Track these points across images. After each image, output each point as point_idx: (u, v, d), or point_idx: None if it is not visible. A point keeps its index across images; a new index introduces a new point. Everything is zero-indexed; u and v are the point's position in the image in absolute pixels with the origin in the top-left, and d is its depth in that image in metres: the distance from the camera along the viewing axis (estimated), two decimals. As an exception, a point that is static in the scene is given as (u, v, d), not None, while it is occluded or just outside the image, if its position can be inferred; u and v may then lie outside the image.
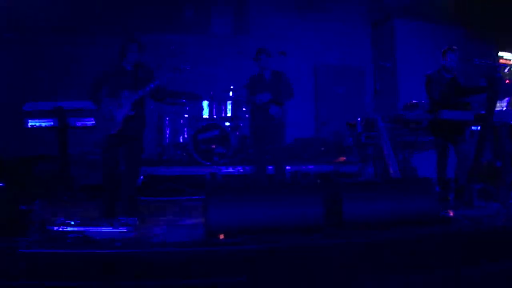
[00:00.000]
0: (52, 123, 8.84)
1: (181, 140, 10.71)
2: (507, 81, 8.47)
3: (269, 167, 8.76)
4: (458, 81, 8.21)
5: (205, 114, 10.78)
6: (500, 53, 12.71)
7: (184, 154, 10.43)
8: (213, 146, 9.99)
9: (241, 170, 9.85)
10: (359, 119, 8.86)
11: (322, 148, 11.17)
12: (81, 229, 5.98)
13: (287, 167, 9.31)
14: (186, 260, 5.01)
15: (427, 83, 8.22)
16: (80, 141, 9.16)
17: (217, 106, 10.81)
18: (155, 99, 7.38)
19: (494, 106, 7.56)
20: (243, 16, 13.35)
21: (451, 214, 6.63)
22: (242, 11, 13.34)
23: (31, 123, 8.93)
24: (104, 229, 5.98)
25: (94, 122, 8.26)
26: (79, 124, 8.69)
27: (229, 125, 10.47)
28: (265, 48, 8.49)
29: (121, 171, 7.21)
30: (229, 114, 10.79)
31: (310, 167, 10.24)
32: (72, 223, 6.22)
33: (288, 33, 12.56)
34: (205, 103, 10.81)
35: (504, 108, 8.28)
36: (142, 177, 9.19)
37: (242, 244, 5.17)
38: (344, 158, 10.71)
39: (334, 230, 5.74)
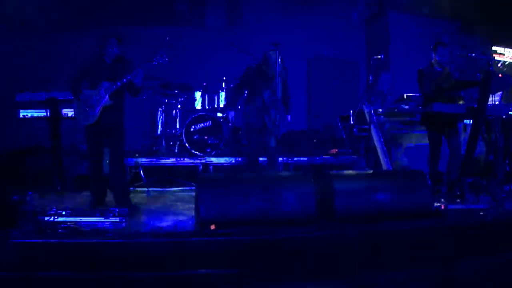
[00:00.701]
0: (44, 113, 8.83)
1: (173, 131, 10.68)
2: (500, 75, 8.46)
3: (262, 158, 8.78)
4: (451, 75, 8.22)
5: (198, 105, 10.76)
6: (494, 48, 12.75)
7: (177, 145, 10.41)
8: (206, 137, 9.99)
9: (233, 161, 9.84)
10: (351, 111, 8.87)
11: (315, 140, 11.15)
12: (73, 219, 5.96)
13: (280, 159, 9.32)
14: (177, 251, 5.01)
15: (419, 78, 8.22)
16: (73, 132, 9.13)
17: (210, 97, 10.80)
18: (130, 92, 7.35)
19: (487, 100, 7.57)
20: (237, 8, 13.32)
21: (443, 207, 6.64)
22: (236, 3, 13.32)
23: (23, 113, 8.92)
24: (95, 220, 5.95)
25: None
26: (71, 114, 8.68)
27: (221, 116, 10.46)
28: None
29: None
30: (221, 105, 10.77)
31: (303, 159, 10.23)
32: (64, 213, 6.20)
33: (282, 25, 12.53)
34: (197, 94, 10.79)
35: (497, 102, 8.29)
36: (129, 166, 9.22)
37: (233, 235, 5.17)
38: (337, 150, 10.71)
39: (326, 222, 5.75)
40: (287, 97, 8.84)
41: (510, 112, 8.08)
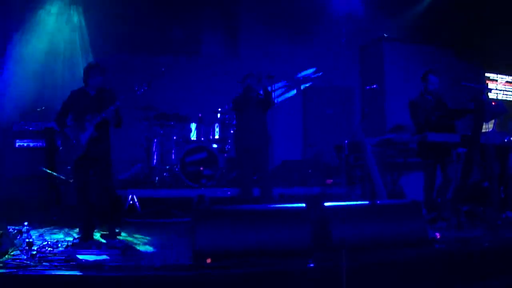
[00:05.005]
0: (40, 143, 8.87)
1: (169, 162, 10.69)
2: (494, 103, 8.52)
3: (256, 189, 8.78)
4: (444, 103, 8.26)
5: (193, 136, 10.78)
6: (487, 74, 12.83)
7: (172, 176, 10.42)
8: (201, 168, 10.00)
9: (229, 193, 9.82)
10: (346, 141, 8.89)
11: (310, 170, 11.16)
12: (69, 251, 5.98)
13: (275, 189, 9.32)
14: (174, 284, 5.00)
15: (411, 110, 8.24)
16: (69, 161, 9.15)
17: (205, 128, 10.83)
18: (112, 123, 7.23)
19: (480, 128, 7.61)
20: (233, 39, 13.41)
21: (439, 236, 6.65)
22: (233, 34, 13.41)
23: (19, 143, 8.96)
24: (92, 252, 5.96)
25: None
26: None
27: (216, 147, 10.47)
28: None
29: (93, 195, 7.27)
30: (217, 136, 10.80)
31: (298, 189, 10.23)
32: (60, 245, 6.22)
33: (277, 54, 12.63)
34: (193, 126, 10.82)
35: (491, 129, 8.34)
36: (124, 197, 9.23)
37: (229, 268, 5.16)
38: (332, 180, 10.71)
39: (322, 254, 5.73)
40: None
41: (504, 140, 8.12)
